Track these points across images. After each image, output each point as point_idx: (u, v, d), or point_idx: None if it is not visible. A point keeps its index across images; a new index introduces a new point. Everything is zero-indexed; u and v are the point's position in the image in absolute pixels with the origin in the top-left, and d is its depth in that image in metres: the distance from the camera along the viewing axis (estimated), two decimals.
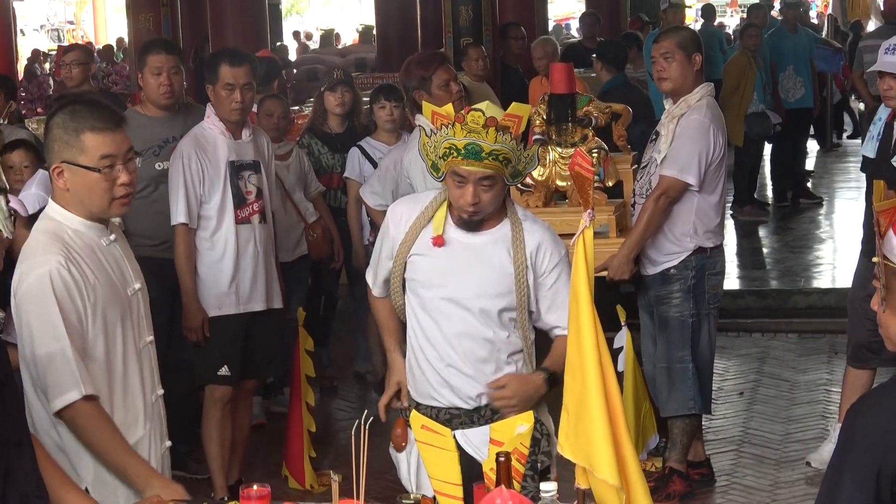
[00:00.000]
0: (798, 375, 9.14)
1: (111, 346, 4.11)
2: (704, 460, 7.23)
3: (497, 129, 4.41)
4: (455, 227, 4.63)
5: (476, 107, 4.47)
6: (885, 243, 3.12)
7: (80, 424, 4.00)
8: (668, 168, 6.67)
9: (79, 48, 10.77)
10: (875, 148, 7.21)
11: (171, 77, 7.19)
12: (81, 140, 4.06)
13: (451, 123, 4.45)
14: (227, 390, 6.82)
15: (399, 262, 4.70)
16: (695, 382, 6.86)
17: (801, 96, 14.65)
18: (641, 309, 7.05)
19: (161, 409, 4.35)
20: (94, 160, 4.06)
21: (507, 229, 4.63)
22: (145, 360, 4.27)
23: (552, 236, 4.70)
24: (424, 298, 4.66)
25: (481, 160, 4.42)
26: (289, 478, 7.23)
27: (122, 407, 4.14)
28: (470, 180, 4.47)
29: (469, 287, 4.60)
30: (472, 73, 11.23)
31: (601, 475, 3.71)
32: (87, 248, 4.10)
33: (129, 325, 4.18)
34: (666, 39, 6.84)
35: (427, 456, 4.69)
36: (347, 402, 8.97)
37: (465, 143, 4.42)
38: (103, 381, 4.07)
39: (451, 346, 4.63)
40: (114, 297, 4.12)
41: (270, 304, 6.89)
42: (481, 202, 4.49)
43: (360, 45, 25.37)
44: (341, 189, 8.86)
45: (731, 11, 39.58)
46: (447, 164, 4.50)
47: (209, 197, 6.70)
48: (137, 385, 4.21)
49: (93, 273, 4.06)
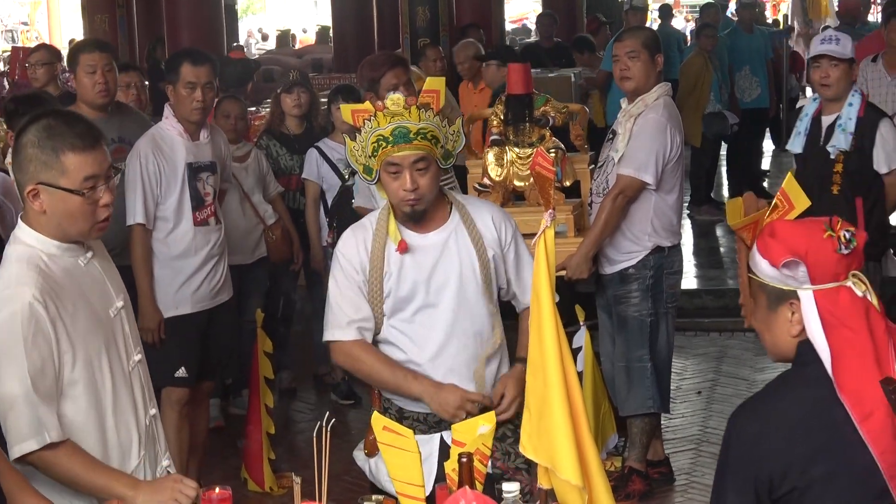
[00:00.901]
0: (755, 374, 9.17)
1: (98, 376, 3.87)
2: (663, 459, 7.25)
3: (418, 107, 4.44)
4: (410, 232, 4.61)
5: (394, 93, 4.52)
6: (752, 258, 3.19)
7: (43, 469, 3.80)
8: (625, 167, 6.68)
9: (45, 48, 10.66)
10: (802, 143, 7.30)
11: (105, 75, 7.13)
12: (62, 161, 3.76)
13: (373, 114, 4.47)
14: (184, 392, 6.79)
15: (376, 286, 4.62)
16: (653, 381, 6.88)
17: (756, 96, 14.72)
18: (600, 308, 7.06)
19: (156, 429, 4.14)
20: (77, 182, 3.77)
21: (457, 219, 4.65)
22: (135, 381, 4.04)
23: (500, 210, 4.78)
24: (405, 314, 4.63)
25: (410, 141, 4.44)
26: (248, 480, 7.21)
27: (116, 439, 3.94)
28: (404, 165, 4.46)
29: (448, 286, 4.60)
30: (429, 73, 11.20)
31: (563, 475, 3.70)
32: (64, 273, 3.85)
33: (113, 349, 3.95)
34: (631, 38, 6.85)
35: (389, 458, 4.67)
36: (306, 403, 8.95)
37: (391, 129, 4.44)
38: (91, 415, 3.86)
39: (436, 360, 4.62)
40: (96, 324, 3.88)
41: (223, 299, 6.90)
42: (420, 187, 4.48)
43: (317, 45, 25.31)
44: (300, 190, 8.84)
45: (675, 12, 39.71)
46: (378, 159, 4.49)
47: (165, 198, 6.67)
48: (130, 411, 3.99)
49: (71, 302, 3.82)
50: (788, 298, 3.13)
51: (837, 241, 3.08)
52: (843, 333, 3.07)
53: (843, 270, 3.11)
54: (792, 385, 3.15)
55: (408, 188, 4.47)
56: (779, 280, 3.13)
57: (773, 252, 3.11)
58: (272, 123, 9.10)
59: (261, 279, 8.40)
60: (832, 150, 7.07)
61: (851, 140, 7.05)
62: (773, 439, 3.07)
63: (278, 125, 9.02)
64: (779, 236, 3.12)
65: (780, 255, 3.10)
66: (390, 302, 4.62)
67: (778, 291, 3.15)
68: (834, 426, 3.05)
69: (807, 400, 3.09)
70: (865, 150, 7.06)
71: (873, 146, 7.06)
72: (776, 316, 3.17)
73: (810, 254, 3.09)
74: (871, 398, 3.03)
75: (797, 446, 3.05)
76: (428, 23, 13.77)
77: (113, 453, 3.93)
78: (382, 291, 4.61)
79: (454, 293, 4.61)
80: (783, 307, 3.15)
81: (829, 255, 3.09)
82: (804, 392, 3.11)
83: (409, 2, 13.92)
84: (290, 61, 18.91)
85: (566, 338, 3.86)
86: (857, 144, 7.05)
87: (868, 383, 3.03)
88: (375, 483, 4.78)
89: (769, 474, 3.06)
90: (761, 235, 3.17)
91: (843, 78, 7.12)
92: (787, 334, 3.16)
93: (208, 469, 7.26)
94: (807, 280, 3.10)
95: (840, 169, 7.07)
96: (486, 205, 4.79)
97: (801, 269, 3.10)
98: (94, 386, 3.87)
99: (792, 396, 3.12)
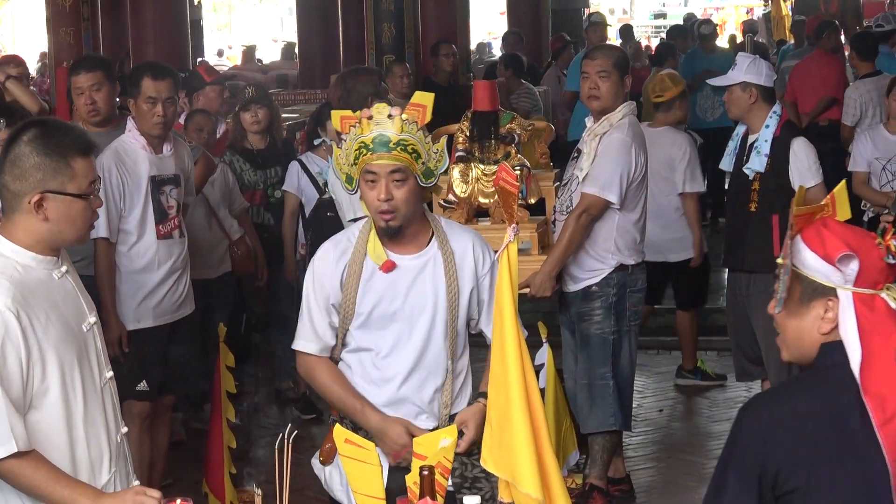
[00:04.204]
0: (717, 392, 9.22)
1: (69, 389, 3.84)
2: (625, 477, 7.27)
3: (402, 119, 4.44)
4: (387, 251, 4.59)
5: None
6: (794, 246, 3.16)
7: (7, 478, 3.77)
8: (589, 186, 6.70)
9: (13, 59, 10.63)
10: (732, 162, 7.41)
11: (92, 95, 7.22)
12: (72, 166, 3.80)
13: (358, 121, 4.48)
14: (146, 406, 6.78)
15: (349, 303, 4.59)
16: (615, 399, 6.89)
17: (719, 115, 14.78)
18: (563, 326, 7.08)
19: (126, 448, 4.12)
20: (84, 186, 3.83)
21: (435, 248, 4.62)
22: (107, 398, 4.02)
23: (480, 240, 4.74)
24: (371, 333, 4.61)
25: (389, 151, 4.42)
26: (209, 495, 7.18)
27: (86, 453, 3.90)
28: (381, 175, 4.44)
29: (417, 312, 4.59)
30: (395, 90, 11.25)
31: (524, 489, 3.71)
32: (39, 284, 3.83)
33: (86, 363, 3.92)
34: (602, 58, 6.87)
35: (351, 470, 4.67)
36: (268, 418, 8.92)
37: (372, 137, 4.43)
38: (61, 427, 3.83)
39: (391, 381, 4.62)
40: (68, 337, 3.85)
41: (186, 313, 6.90)
42: (394, 199, 4.45)
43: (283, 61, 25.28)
44: (264, 205, 8.84)
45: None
46: (359, 168, 4.48)
47: (129, 211, 6.67)
48: (101, 426, 3.95)
49: (44, 313, 3.79)
50: (826, 295, 3.12)
51: (886, 250, 3.10)
52: (874, 339, 3.07)
53: (883, 280, 3.12)
54: (811, 385, 3.14)
55: (381, 198, 4.44)
56: (822, 274, 3.12)
57: (829, 244, 3.10)
58: (235, 139, 9.09)
59: (226, 294, 8.38)
60: (749, 172, 7.19)
61: (766, 161, 7.14)
62: (784, 437, 3.06)
63: (241, 141, 9.02)
64: (835, 230, 3.12)
65: (837, 248, 3.09)
66: (360, 320, 4.61)
67: (816, 285, 3.13)
68: (848, 432, 3.06)
69: (824, 402, 3.09)
70: (779, 170, 7.13)
71: (787, 165, 7.13)
72: (807, 310, 3.15)
73: (861, 255, 3.10)
74: (893, 404, 3.04)
75: (806, 447, 3.05)
76: (393, 39, 13.79)
77: (82, 467, 3.91)
78: (354, 308, 4.60)
79: (425, 319, 4.59)
80: (817, 302, 3.13)
81: (877, 261, 3.10)
82: (823, 394, 3.10)
83: (375, 18, 13.93)
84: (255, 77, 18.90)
85: (529, 354, 3.87)
86: (772, 164, 7.13)
87: (893, 390, 3.04)
88: (329, 492, 4.79)
89: (776, 469, 3.05)
90: (812, 226, 3.15)
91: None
92: (816, 331, 3.14)
93: (169, 483, 7.23)
94: (853, 279, 3.10)
95: (757, 187, 7.20)
96: (468, 233, 4.75)
97: (852, 266, 3.09)
98: (65, 398, 3.85)
99: (809, 397, 3.11)
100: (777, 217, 7.07)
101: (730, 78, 7.30)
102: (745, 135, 7.34)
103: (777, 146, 7.15)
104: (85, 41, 12.78)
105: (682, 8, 44.51)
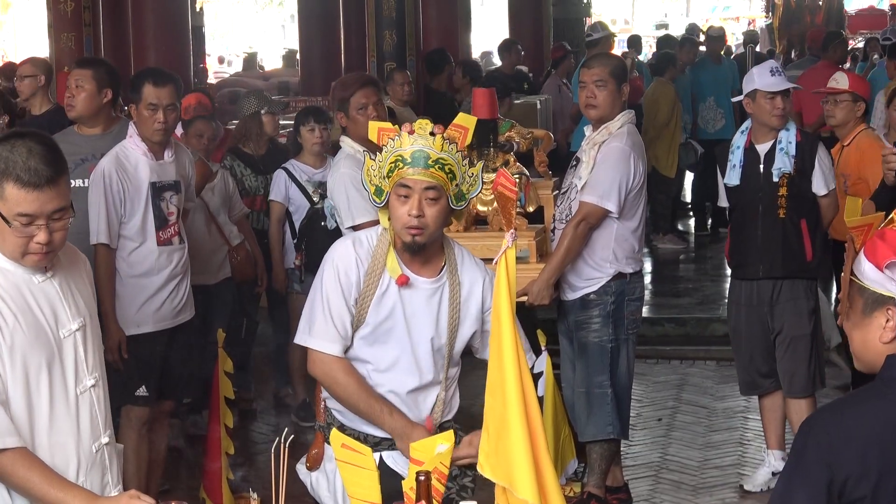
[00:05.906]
0: (716, 402, 9.21)
1: (33, 394, 3.80)
2: (623, 485, 7.26)
3: (444, 138, 4.40)
4: (408, 271, 4.55)
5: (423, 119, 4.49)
6: (857, 261, 3.19)
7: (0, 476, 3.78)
8: (588, 194, 6.71)
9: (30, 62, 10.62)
10: (739, 175, 7.31)
11: (73, 91, 7.17)
12: (3, 187, 3.73)
13: (398, 135, 4.44)
14: (144, 411, 6.78)
15: (364, 307, 4.55)
16: (613, 408, 6.89)
17: (721, 127, 14.80)
18: (561, 334, 7.08)
19: (106, 457, 4.03)
20: (10, 213, 3.74)
21: (444, 280, 4.59)
22: (83, 406, 3.94)
23: (491, 277, 4.61)
24: (374, 349, 4.60)
25: (427, 168, 4.38)
26: (206, 500, 7.17)
27: (49, 461, 3.83)
28: (416, 190, 4.40)
29: (424, 336, 4.58)
30: (396, 97, 11.25)
31: (521, 495, 3.71)
32: (12, 286, 3.81)
33: (58, 370, 3.86)
34: (599, 67, 6.86)
35: (347, 475, 4.66)
36: (266, 424, 8.93)
37: (412, 151, 4.39)
38: (24, 431, 3.79)
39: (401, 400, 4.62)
40: (37, 341, 3.81)
41: (185, 318, 6.90)
42: (425, 216, 4.41)
43: (284, 69, 25.32)
44: (264, 211, 8.84)
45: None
46: (392, 181, 4.43)
47: (129, 217, 6.67)
48: (70, 434, 3.89)
49: (13, 315, 3.77)
50: (886, 304, 3.13)
51: None
52: None
53: None
54: (876, 396, 3.14)
55: (413, 213, 4.40)
56: (880, 284, 3.13)
57: (880, 253, 3.12)
58: (237, 144, 9.09)
59: (225, 299, 8.38)
60: (776, 173, 7.12)
61: (793, 162, 7.11)
62: (852, 446, 3.05)
63: (242, 145, 9.02)
64: (889, 240, 3.13)
65: (885, 255, 3.10)
66: (367, 329, 4.58)
67: (876, 296, 3.14)
68: None
69: (889, 413, 3.09)
70: (806, 173, 7.12)
71: (813, 169, 7.11)
72: (870, 321, 3.15)
73: None
74: None
75: (874, 457, 3.05)
76: (395, 47, 13.78)
77: None
78: (366, 317, 4.57)
79: (425, 344, 4.58)
80: (879, 312, 3.14)
81: None
82: (889, 404, 3.10)
83: (376, 25, 13.93)
84: (256, 84, 18.93)
85: (526, 360, 3.87)
86: (797, 168, 7.12)
87: None
88: (315, 498, 4.78)
89: (844, 478, 3.04)
90: (871, 239, 3.17)
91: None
92: (879, 341, 3.14)
93: (167, 489, 7.24)
94: None
95: (784, 192, 7.14)
96: (479, 269, 4.70)
97: None
98: (28, 402, 3.81)
99: (874, 408, 3.12)
100: (805, 221, 7.07)
101: (783, 84, 7.23)
102: (747, 146, 7.27)
103: (802, 149, 7.12)
104: (86, 47, 12.80)
105: (684, 18, 44.56)
